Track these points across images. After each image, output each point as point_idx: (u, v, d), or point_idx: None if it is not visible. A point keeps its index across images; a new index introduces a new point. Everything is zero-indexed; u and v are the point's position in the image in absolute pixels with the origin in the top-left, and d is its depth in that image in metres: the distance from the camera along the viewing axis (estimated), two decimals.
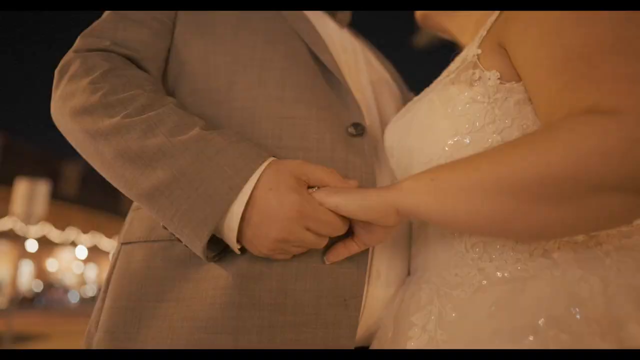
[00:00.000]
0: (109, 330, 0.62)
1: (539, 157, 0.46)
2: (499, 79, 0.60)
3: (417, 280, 0.68)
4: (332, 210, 0.56)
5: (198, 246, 0.57)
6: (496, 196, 0.48)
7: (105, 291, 0.67)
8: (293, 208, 0.54)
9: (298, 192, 0.56)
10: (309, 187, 0.59)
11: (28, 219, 5.56)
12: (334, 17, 0.93)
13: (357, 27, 1.03)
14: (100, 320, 0.64)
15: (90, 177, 19.60)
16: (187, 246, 0.60)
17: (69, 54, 0.69)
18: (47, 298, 18.59)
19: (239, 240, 0.58)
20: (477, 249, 0.60)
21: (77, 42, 0.70)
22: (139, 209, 0.72)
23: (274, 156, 0.61)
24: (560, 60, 0.51)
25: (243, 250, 0.60)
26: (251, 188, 0.55)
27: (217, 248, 0.61)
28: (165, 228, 0.61)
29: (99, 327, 0.64)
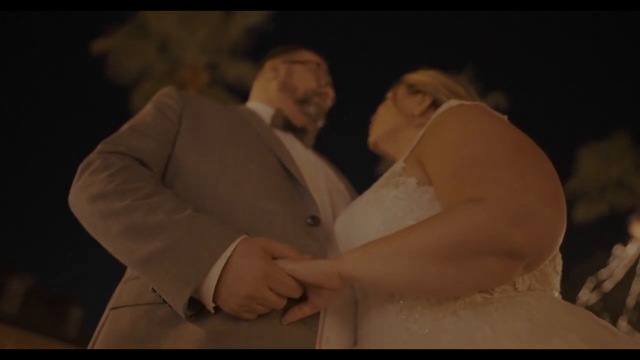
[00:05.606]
0: None
1: (433, 230, 0.67)
2: (416, 183, 0.83)
3: (359, 348, 0.81)
4: (290, 275, 0.72)
5: (180, 304, 0.70)
6: (408, 260, 0.67)
7: (92, 347, 0.76)
8: (260, 271, 0.70)
9: (264, 259, 0.72)
10: (273, 258, 0.75)
11: None
12: (301, 140, 1.19)
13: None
14: None
15: (36, 293, 18.16)
16: (170, 306, 0.73)
17: (93, 155, 0.88)
18: None
19: (214, 300, 0.72)
20: (404, 312, 0.76)
21: (99, 147, 0.90)
22: (128, 280, 0.85)
23: None
24: (453, 171, 0.75)
25: (216, 310, 0.74)
26: (228, 255, 0.71)
27: (194, 310, 0.74)
28: (154, 291, 0.75)
29: None
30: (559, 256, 0.81)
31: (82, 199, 0.82)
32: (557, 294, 0.79)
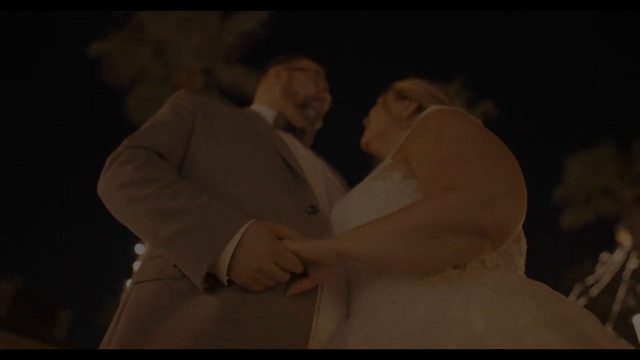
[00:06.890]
0: (120, 342, 0.82)
1: (414, 213, 0.80)
2: (402, 177, 0.96)
3: (351, 319, 0.94)
4: (293, 252, 0.84)
5: (198, 277, 0.82)
6: (392, 238, 0.80)
7: (119, 317, 0.88)
8: (268, 248, 0.82)
9: (272, 239, 0.84)
10: (279, 238, 0.87)
11: None
12: (300, 140, 1.32)
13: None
14: (114, 335, 0.84)
15: (25, 296, 17.98)
16: (188, 280, 0.84)
17: (120, 149, 1.00)
18: None
19: (227, 274, 0.83)
20: (391, 287, 0.89)
21: (125, 142, 1.02)
22: (150, 259, 0.96)
23: None
24: (432, 165, 0.88)
25: (229, 283, 0.85)
26: (240, 235, 0.83)
27: (210, 283, 0.86)
28: (175, 266, 0.86)
29: (112, 341, 0.84)
30: (524, 240, 0.95)
31: (111, 187, 0.93)
32: (520, 273, 0.92)
